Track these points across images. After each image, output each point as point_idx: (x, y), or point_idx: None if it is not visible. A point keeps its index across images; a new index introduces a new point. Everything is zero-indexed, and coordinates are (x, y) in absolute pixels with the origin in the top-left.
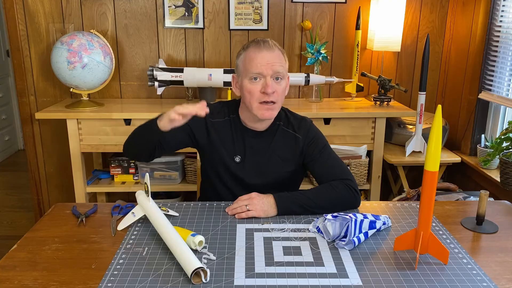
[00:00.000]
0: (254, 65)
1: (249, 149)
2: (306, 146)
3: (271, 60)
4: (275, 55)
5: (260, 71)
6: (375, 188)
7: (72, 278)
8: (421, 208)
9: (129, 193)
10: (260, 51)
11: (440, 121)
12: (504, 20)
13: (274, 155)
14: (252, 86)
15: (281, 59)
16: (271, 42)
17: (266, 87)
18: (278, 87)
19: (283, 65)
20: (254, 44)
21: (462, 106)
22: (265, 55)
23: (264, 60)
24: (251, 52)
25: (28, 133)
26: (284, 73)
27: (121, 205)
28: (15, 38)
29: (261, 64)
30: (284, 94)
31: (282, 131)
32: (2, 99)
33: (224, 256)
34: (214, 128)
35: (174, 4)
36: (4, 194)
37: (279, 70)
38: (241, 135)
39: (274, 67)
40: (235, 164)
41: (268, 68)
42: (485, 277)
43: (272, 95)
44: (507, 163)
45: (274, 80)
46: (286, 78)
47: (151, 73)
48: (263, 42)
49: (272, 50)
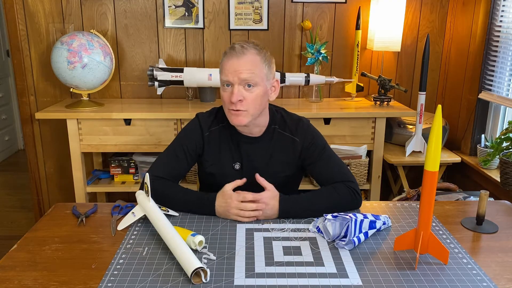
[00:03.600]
0: (224, 72)
1: (247, 155)
2: (305, 149)
3: (238, 67)
4: (244, 61)
5: (227, 79)
6: (375, 188)
7: (72, 278)
8: (421, 208)
9: (129, 193)
10: (230, 57)
11: (440, 121)
12: (504, 20)
13: (272, 160)
14: (224, 93)
15: (253, 64)
16: (241, 46)
17: (231, 96)
18: (248, 94)
19: (254, 72)
20: (228, 50)
21: (462, 106)
22: (234, 62)
23: (232, 67)
24: (224, 58)
25: (28, 133)
26: (255, 79)
27: (121, 205)
28: (15, 38)
29: (229, 71)
30: (259, 101)
31: (279, 135)
32: (2, 99)
33: (224, 256)
34: (210, 139)
35: (174, 4)
36: (4, 194)
37: (246, 77)
38: (237, 142)
39: (241, 74)
40: (234, 171)
41: (234, 76)
42: (485, 277)
43: (238, 103)
44: (507, 163)
45: (245, 88)
46: (264, 84)
47: (151, 73)
48: (233, 48)
49: (241, 56)
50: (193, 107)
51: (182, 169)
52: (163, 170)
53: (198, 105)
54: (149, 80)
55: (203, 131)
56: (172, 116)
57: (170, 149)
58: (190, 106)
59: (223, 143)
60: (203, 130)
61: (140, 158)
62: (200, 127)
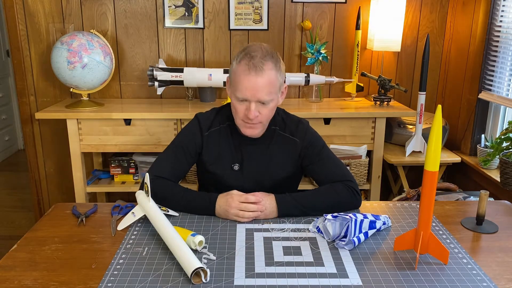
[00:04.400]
0: (240, 89)
1: (247, 156)
2: (304, 149)
3: (256, 87)
4: (263, 80)
5: (245, 97)
6: (375, 188)
7: (72, 278)
8: (421, 208)
9: (129, 193)
10: (248, 74)
11: (440, 121)
12: (504, 20)
13: (272, 161)
14: (238, 105)
15: (270, 84)
16: (261, 63)
17: (248, 112)
18: (263, 109)
19: (272, 90)
20: (245, 63)
21: (462, 106)
22: (252, 80)
23: (250, 85)
24: (240, 71)
25: (28, 133)
26: (271, 97)
27: (121, 205)
28: (15, 38)
29: (247, 89)
30: (272, 112)
31: (279, 136)
32: (2, 99)
33: (224, 256)
34: (210, 140)
35: (174, 4)
36: (4, 194)
37: (264, 99)
38: (238, 142)
39: (259, 94)
40: (233, 172)
41: (253, 95)
42: (485, 277)
43: (255, 119)
44: (507, 163)
45: (260, 104)
46: (277, 97)
47: (151, 73)
48: (253, 64)
49: (260, 75)
50: (193, 107)
51: (182, 169)
52: (163, 170)
53: (198, 105)
54: (149, 80)
55: (202, 131)
56: (172, 116)
57: (169, 149)
58: (190, 106)
59: (223, 143)
60: (202, 131)
61: (140, 158)
62: (200, 128)
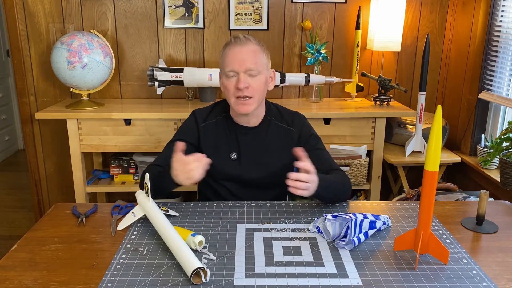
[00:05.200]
0: (228, 62)
1: (244, 145)
2: (302, 138)
3: (241, 57)
4: (247, 49)
5: (232, 68)
6: (375, 188)
7: (72, 278)
8: (421, 208)
9: (129, 193)
10: (232, 47)
11: (440, 121)
12: (504, 20)
13: (269, 149)
14: (228, 82)
15: (255, 54)
16: (243, 37)
17: (238, 83)
18: (252, 81)
19: (257, 61)
20: (229, 42)
21: (462, 106)
22: (237, 51)
23: (235, 57)
24: (226, 50)
25: (28, 133)
26: (258, 68)
27: (121, 205)
28: (15, 38)
29: (233, 60)
30: (262, 88)
31: (275, 126)
32: (2, 99)
33: (224, 256)
34: (206, 131)
35: (174, 4)
36: (4, 194)
37: (250, 67)
38: (234, 132)
39: (246, 63)
40: (231, 161)
41: (240, 65)
42: (485, 277)
43: (245, 90)
44: (507, 163)
45: (249, 75)
46: (265, 72)
47: (151, 73)
48: (235, 38)
49: (244, 45)
50: (193, 107)
51: None
52: (159, 160)
53: (198, 105)
54: (149, 80)
55: (198, 124)
56: (172, 116)
57: (168, 144)
58: (190, 106)
59: (219, 134)
60: (198, 123)
61: (140, 158)
62: (195, 120)
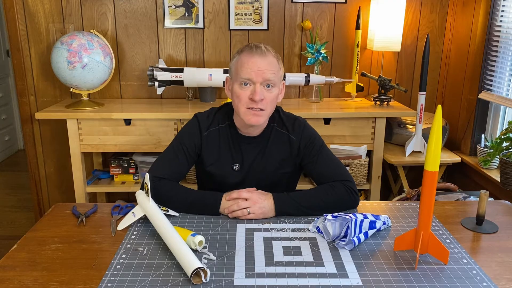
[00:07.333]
0: (245, 70)
1: (247, 156)
2: (302, 147)
3: (262, 67)
4: (268, 61)
5: (250, 77)
6: (375, 188)
7: (72, 278)
8: (421, 208)
9: (129, 193)
10: (252, 56)
11: (440, 121)
12: (504, 20)
13: (270, 158)
14: (241, 91)
15: (273, 66)
16: (264, 47)
17: (254, 94)
18: (267, 94)
19: (275, 73)
20: (248, 49)
21: (462, 106)
22: (257, 60)
23: (255, 66)
24: (243, 56)
25: (28, 133)
26: (275, 80)
27: (121, 205)
28: (15, 38)
29: (252, 70)
30: (275, 102)
31: (276, 133)
32: (2, 99)
33: (224, 256)
34: (209, 140)
35: (174, 4)
36: (4, 194)
37: (270, 77)
38: (237, 142)
39: (264, 74)
40: (234, 172)
41: (258, 75)
42: (485, 277)
43: (260, 102)
44: (507, 163)
45: (265, 88)
46: (279, 85)
47: (151, 73)
48: (256, 47)
49: (264, 56)
50: (193, 107)
51: (182, 170)
52: (164, 170)
53: (198, 105)
54: (149, 80)
55: (201, 131)
56: (172, 116)
57: (169, 150)
58: (190, 106)
59: (222, 143)
60: (201, 130)
61: (140, 158)
62: (199, 128)
